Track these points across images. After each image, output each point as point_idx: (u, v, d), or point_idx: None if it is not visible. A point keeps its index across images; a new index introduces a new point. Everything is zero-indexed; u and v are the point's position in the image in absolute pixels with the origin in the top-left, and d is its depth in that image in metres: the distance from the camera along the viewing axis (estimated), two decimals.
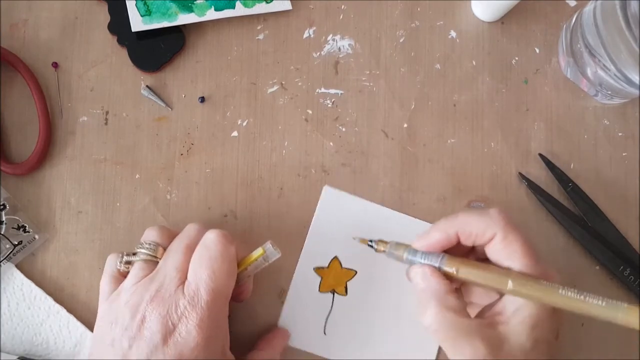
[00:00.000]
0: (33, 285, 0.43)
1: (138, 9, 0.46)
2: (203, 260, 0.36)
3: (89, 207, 0.45)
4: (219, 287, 0.36)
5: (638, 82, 0.42)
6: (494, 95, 0.47)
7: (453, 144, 0.46)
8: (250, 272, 0.39)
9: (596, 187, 0.46)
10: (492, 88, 0.47)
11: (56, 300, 0.43)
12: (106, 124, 0.46)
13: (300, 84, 0.47)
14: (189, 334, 0.34)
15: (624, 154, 0.47)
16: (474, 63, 0.48)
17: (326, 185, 0.45)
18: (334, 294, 0.44)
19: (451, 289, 0.36)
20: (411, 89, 0.47)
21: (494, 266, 0.36)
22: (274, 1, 0.47)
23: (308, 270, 0.44)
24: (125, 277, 0.38)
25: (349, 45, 0.48)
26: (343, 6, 0.48)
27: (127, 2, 0.46)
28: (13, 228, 0.43)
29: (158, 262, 0.37)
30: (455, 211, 0.42)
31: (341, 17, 0.48)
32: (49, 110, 0.45)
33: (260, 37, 0.47)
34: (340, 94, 0.47)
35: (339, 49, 0.47)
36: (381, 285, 0.44)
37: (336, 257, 0.44)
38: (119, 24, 0.46)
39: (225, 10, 0.47)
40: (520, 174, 0.46)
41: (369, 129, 0.46)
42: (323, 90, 0.47)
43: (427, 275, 0.36)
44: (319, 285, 0.44)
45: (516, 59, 0.48)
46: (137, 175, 0.45)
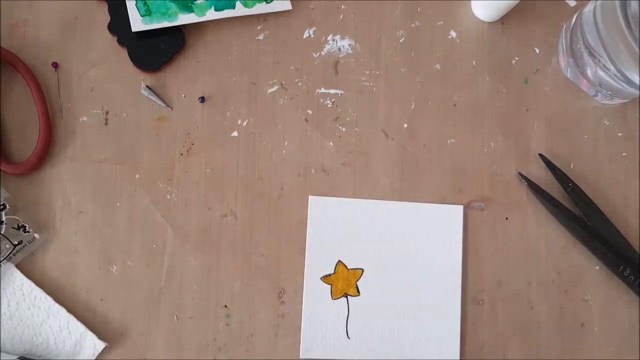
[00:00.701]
0: (33, 285, 0.43)
1: (138, 9, 0.46)
2: None
3: (89, 207, 0.45)
4: None
5: (638, 82, 0.42)
6: (494, 95, 0.47)
7: (453, 144, 0.46)
8: None
9: (596, 187, 0.46)
10: (492, 88, 0.47)
11: (56, 300, 0.43)
12: (106, 124, 0.46)
13: (300, 84, 0.47)
14: None
15: (624, 154, 0.47)
16: (474, 63, 0.48)
17: (310, 196, 0.45)
18: (347, 297, 0.44)
19: None
20: (411, 89, 0.47)
21: None
22: (274, 1, 0.47)
23: (316, 281, 0.44)
24: None
25: (349, 45, 0.48)
26: (343, 6, 0.48)
27: (127, 2, 0.46)
28: (13, 228, 0.43)
29: None
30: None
31: (341, 17, 0.48)
32: (49, 110, 0.45)
33: (260, 37, 0.47)
34: (340, 94, 0.47)
35: (339, 49, 0.47)
36: (390, 277, 0.44)
37: (340, 261, 0.44)
38: (119, 24, 0.46)
39: (225, 10, 0.47)
40: (520, 174, 0.46)
41: (369, 129, 0.46)
42: (323, 90, 0.47)
43: None
44: (331, 293, 0.44)
45: (516, 59, 0.48)
46: (137, 175, 0.45)
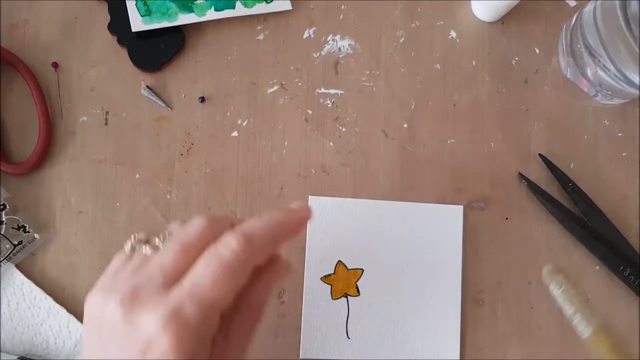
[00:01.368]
0: (33, 285, 0.43)
1: (138, 9, 0.46)
2: (209, 270, 0.29)
3: (89, 207, 0.45)
4: (217, 302, 0.29)
5: (638, 82, 0.42)
6: (494, 95, 0.47)
7: (453, 144, 0.46)
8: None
9: (596, 187, 0.46)
10: (492, 88, 0.47)
11: (56, 300, 0.43)
12: (106, 124, 0.46)
13: (300, 84, 0.47)
14: (163, 353, 0.28)
15: (624, 154, 0.47)
16: (474, 63, 0.48)
17: (310, 196, 0.45)
18: (347, 298, 0.44)
19: None
20: (411, 89, 0.47)
21: None
22: (274, 1, 0.47)
23: (316, 282, 0.44)
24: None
25: (349, 45, 0.48)
26: (343, 6, 0.48)
27: (127, 2, 0.46)
28: (13, 228, 0.43)
29: None
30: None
31: (341, 17, 0.48)
32: (49, 110, 0.45)
33: (260, 37, 0.47)
34: (340, 94, 0.47)
35: (339, 49, 0.47)
36: (390, 277, 0.44)
37: (340, 261, 0.44)
38: (119, 24, 0.46)
39: (225, 10, 0.47)
40: (520, 174, 0.46)
41: (369, 129, 0.46)
42: (323, 90, 0.47)
43: None
44: (331, 293, 0.44)
45: (516, 59, 0.48)
46: (137, 175, 0.45)
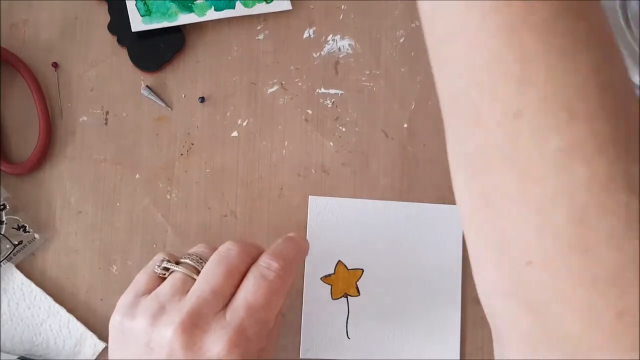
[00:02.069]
0: (33, 285, 0.43)
1: (138, 9, 0.46)
2: (261, 290, 0.32)
3: (89, 207, 0.45)
4: (270, 318, 0.33)
5: (638, 82, 0.42)
6: None
7: None
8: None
9: None
10: None
11: (56, 300, 0.43)
12: (106, 124, 0.46)
13: (300, 84, 0.47)
14: None
15: None
16: None
17: (310, 196, 0.45)
18: (347, 298, 0.44)
19: None
20: (411, 89, 0.47)
21: None
22: (274, 1, 0.47)
23: (316, 282, 0.44)
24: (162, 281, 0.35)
25: (349, 45, 0.48)
26: (343, 6, 0.48)
27: (127, 2, 0.46)
28: (13, 228, 0.43)
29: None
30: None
31: (341, 17, 0.48)
32: (49, 110, 0.45)
33: (260, 37, 0.47)
34: (340, 94, 0.47)
35: (339, 49, 0.48)
36: (390, 277, 0.44)
37: (340, 261, 0.44)
38: (119, 24, 0.46)
39: (225, 10, 0.47)
40: None
41: (369, 129, 0.46)
42: (323, 90, 0.47)
43: None
44: (331, 293, 0.44)
45: None
46: (137, 175, 0.45)
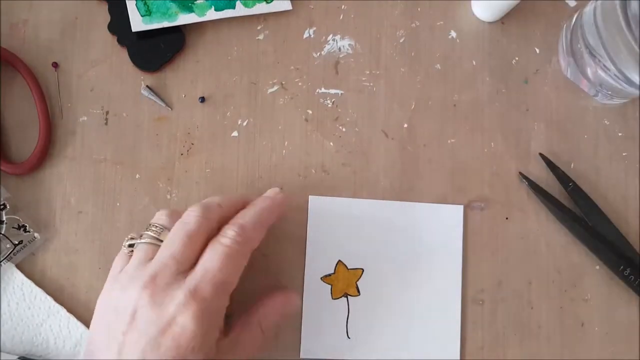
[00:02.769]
0: (33, 285, 0.43)
1: (138, 9, 0.46)
2: (216, 256, 0.35)
3: (89, 207, 0.45)
4: (226, 282, 0.35)
5: (638, 82, 0.42)
6: (494, 95, 0.47)
7: (453, 144, 0.46)
8: None
9: (596, 187, 0.46)
10: (492, 88, 0.47)
11: (56, 300, 0.43)
12: (106, 124, 0.46)
13: (300, 84, 0.47)
14: (185, 326, 0.33)
15: (624, 154, 0.47)
16: (474, 63, 0.48)
17: (310, 196, 0.45)
18: (347, 297, 0.44)
19: None
20: (411, 89, 0.47)
21: None
22: (274, 1, 0.47)
23: (316, 281, 0.44)
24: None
25: (349, 45, 0.48)
26: (343, 6, 0.48)
27: (127, 2, 0.46)
28: (13, 228, 0.43)
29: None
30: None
31: (341, 17, 0.48)
32: (49, 110, 0.45)
33: (260, 37, 0.47)
34: (340, 94, 0.47)
35: (339, 49, 0.47)
36: (390, 277, 0.44)
37: (340, 261, 0.44)
38: (119, 24, 0.46)
39: (225, 10, 0.47)
40: (520, 173, 0.46)
41: (369, 129, 0.46)
42: (323, 90, 0.47)
43: None
44: (331, 293, 0.44)
45: (516, 59, 0.48)
46: (137, 175, 0.45)
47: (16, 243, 0.43)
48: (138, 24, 0.45)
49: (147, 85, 0.46)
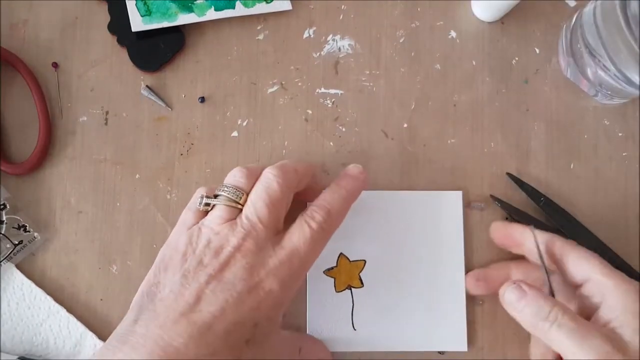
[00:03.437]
0: (33, 285, 0.43)
1: (138, 9, 0.46)
2: (302, 238, 0.36)
3: (89, 207, 0.45)
4: (308, 262, 0.37)
5: (638, 82, 0.42)
6: (494, 95, 0.47)
7: (453, 144, 0.47)
8: None
9: (596, 187, 0.46)
10: (492, 88, 0.47)
11: (56, 300, 0.43)
12: (106, 124, 0.46)
13: (300, 84, 0.47)
14: (272, 291, 0.35)
15: (624, 154, 0.47)
16: (474, 63, 0.48)
17: None
18: (351, 290, 0.44)
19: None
20: (411, 89, 0.47)
21: None
22: (274, 1, 0.47)
23: (319, 275, 0.44)
24: (204, 215, 0.38)
25: (349, 45, 0.48)
26: (343, 6, 0.48)
27: (127, 2, 0.46)
28: (13, 228, 0.43)
29: (240, 209, 0.37)
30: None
31: (341, 17, 0.48)
32: (49, 110, 0.45)
33: (260, 37, 0.47)
34: (340, 94, 0.47)
35: (339, 49, 0.48)
36: (393, 266, 0.44)
37: (342, 254, 0.44)
38: (119, 24, 0.46)
39: (225, 10, 0.47)
40: (491, 196, 0.45)
41: (369, 129, 0.47)
42: (323, 90, 0.47)
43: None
44: (334, 286, 0.44)
45: (516, 59, 0.48)
46: (137, 175, 0.45)
47: (16, 243, 0.43)
48: (138, 24, 0.45)
49: (147, 85, 0.46)
